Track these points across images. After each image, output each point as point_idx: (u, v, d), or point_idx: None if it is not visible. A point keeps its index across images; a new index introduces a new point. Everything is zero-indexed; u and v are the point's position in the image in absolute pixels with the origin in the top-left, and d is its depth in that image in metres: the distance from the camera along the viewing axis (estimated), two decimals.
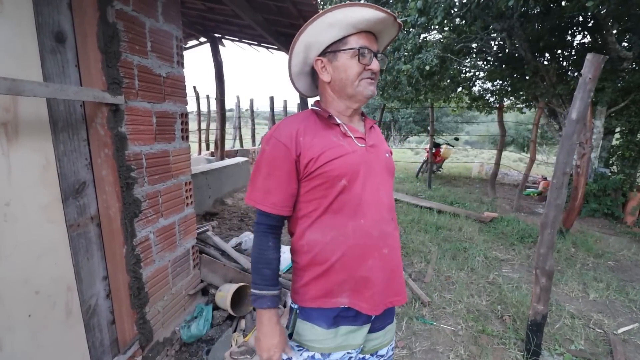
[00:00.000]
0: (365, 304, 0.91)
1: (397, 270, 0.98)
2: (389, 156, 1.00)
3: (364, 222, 0.89)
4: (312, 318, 0.93)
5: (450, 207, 5.28)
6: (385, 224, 0.93)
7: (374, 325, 1.00)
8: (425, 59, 5.34)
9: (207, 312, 2.12)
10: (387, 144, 1.04)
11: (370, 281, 0.91)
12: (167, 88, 1.84)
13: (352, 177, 0.89)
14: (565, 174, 1.92)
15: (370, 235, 0.90)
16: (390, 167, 0.99)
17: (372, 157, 0.94)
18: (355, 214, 0.89)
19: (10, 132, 1.13)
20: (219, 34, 5.00)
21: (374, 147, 0.96)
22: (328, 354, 0.94)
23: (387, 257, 0.93)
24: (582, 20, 5.53)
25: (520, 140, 18.00)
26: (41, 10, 1.23)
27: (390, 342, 1.07)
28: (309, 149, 0.89)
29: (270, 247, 0.94)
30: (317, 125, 0.94)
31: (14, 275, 1.17)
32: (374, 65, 0.90)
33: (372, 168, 0.93)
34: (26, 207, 1.20)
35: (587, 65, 1.82)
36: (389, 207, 0.95)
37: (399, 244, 0.99)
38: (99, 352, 1.54)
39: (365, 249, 0.90)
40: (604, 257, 3.68)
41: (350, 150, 0.90)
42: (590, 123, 4.44)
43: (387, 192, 0.96)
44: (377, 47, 0.94)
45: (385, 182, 0.96)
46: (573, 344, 2.21)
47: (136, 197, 1.62)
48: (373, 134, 1.00)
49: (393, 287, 0.96)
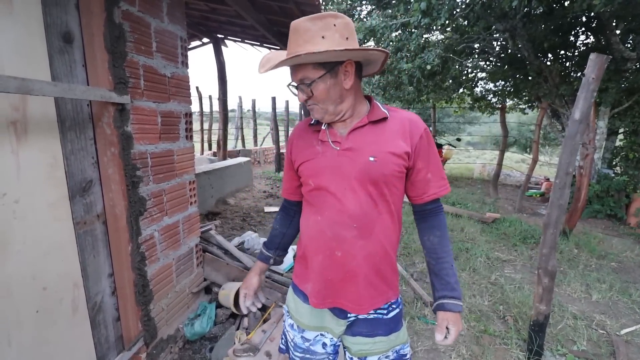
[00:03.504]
0: (313, 297, 0.99)
1: (354, 278, 0.94)
2: (375, 160, 0.89)
3: (320, 220, 0.95)
4: (296, 290, 1.08)
5: (452, 208, 5.27)
6: (344, 228, 0.92)
7: (359, 328, 1.01)
8: (427, 59, 5.34)
9: (210, 310, 2.14)
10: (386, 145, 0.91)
11: (317, 275, 0.97)
12: (171, 88, 1.86)
13: (317, 178, 0.96)
14: (568, 174, 1.92)
15: (323, 233, 0.95)
16: (368, 173, 0.89)
17: (345, 161, 0.91)
18: (318, 210, 0.97)
19: (19, 131, 1.15)
20: (221, 34, 5.03)
21: (350, 150, 0.91)
22: (302, 330, 1.06)
23: (340, 261, 0.93)
24: (586, 21, 5.52)
25: (522, 141, 17.94)
26: (49, 10, 1.25)
27: (384, 352, 1.01)
28: (296, 151, 1.03)
29: (277, 220, 1.19)
30: (308, 129, 1.03)
31: (23, 272, 1.18)
32: (299, 98, 0.93)
33: (339, 172, 0.92)
34: (34, 204, 1.21)
35: (590, 65, 1.82)
36: (354, 214, 0.90)
37: (363, 252, 0.92)
38: (104, 348, 1.56)
39: (318, 244, 0.96)
40: (607, 259, 3.67)
41: (319, 153, 0.96)
42: (593, 124, 4.44)
43: (356, 198, 0.90)
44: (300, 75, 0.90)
45: (355, 188, 0.90)
46: (575, 344, 2.21)
47: (141, 195, 1.64)
48: (359, 135, 0.93)
49: (345, 291, 0.95)
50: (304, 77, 0.89)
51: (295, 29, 0.87)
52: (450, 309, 0.94)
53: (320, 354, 1.06)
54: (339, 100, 0.92)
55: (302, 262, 1.04)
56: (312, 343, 1.05)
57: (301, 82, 0.90)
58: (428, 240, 1.01)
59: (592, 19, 5.40)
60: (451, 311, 0.94)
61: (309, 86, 0.89)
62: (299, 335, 1.06)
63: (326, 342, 1.05)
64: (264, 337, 1.77)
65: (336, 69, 0.88)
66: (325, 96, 0.89)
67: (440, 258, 0.98)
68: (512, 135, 12.03)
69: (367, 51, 0.87)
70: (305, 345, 1.06)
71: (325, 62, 0.87)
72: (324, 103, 0.91)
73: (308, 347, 1.06)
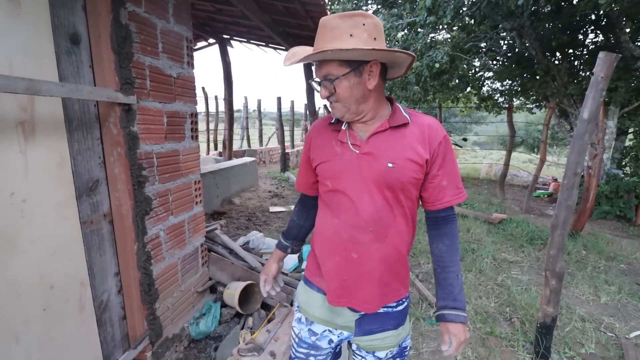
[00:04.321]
0: (329, 294, 1.00)
1: (369, 279, 0.94)
2: (393, 166, 0.89)
3: (338, 222, 0.96)
4: (308, 283, 1.09)
5: (459, 208, 5.23)
6: (360, 231, 0.92)
7: (369, 325, 1.01)
8: (435, 57, 5.31)
9: (215, 310, 2.15)
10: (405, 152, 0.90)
11: (332, 275, 0.99)
12: (177, 88, 1.87)
13: (335, 181, 0.96)
14: (576, 175, 1.89)
15: (339, 235, 0.96)
16: (386, 179, 0.89)
17: (363, 165, 0.91)
18: (334, 212, 0.97)
19: (27, 131, 1.17)
20: (227, 35, 5.05)
21: (370, 155, 0.91)
22: (311, 322, 1.06)
23: (355, 262, 0.94)
24: (595, 19, 5.44)
25: (530, 141, 17.75)
26: (57, 12, 1.26)
27: (391, 347, 1.03)
28: (315, 149, 1.03)
29: (295, 212, 1.22)
30: (328, 127, 1.02)
31: (30, 270, 1.20)
32: (321, 94, 0.92)
33: (358, 175, 0.92)
34: (42, 204, 1.23)
35: (599, 64, 1.79)
36: (369, 218, 0.91)
37: (379, 255, 0.93)
38: (110, 347, 1.57)
39: (334, 245, 0.97)
40: (616, 260, 3.62)
41: (338, 155, 0.95)
42: (602, 123, 4.37)
43: (372, 202, 0.91)
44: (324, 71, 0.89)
45: (372, 192, 0.91)
46: (583, 347, 2.18)
47: (147, 195, 1.65)
48: (379, 140, 0.92)
49: (360, 292, 0.96)
50: (328, 74, 0.88)
51: (323, 25, 0.86)
52: (451, 320, 0.94)
53: (325, 350, 1.07)
54: (361, 100, 0.90)
55: (316, 260, 1.05)
56: (319, 338, 1.05)
57: (325, 79, 0.89)
58: (437, 247, 1.00)
59: (601, 17, 5.32)
60: (452, 322, 0.94)
61: (332, 83, 0.88)
62: (306, 329, 1.07)
63: (333, 339, 1.05)
64: (268, 336, 1.77)
65: (361, 68, 0.87)
66: (347, 94, 0.88)
67: (446, 267, 0.98)
68: (519, 135, 11.91)
69: (394, 53, 0.85)
70: (311, 339, 1.06)
71: (350, 61, 0.86)
72: (346, 101, 0.89)
73: (314, 341, 1.06)
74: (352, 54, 0.82)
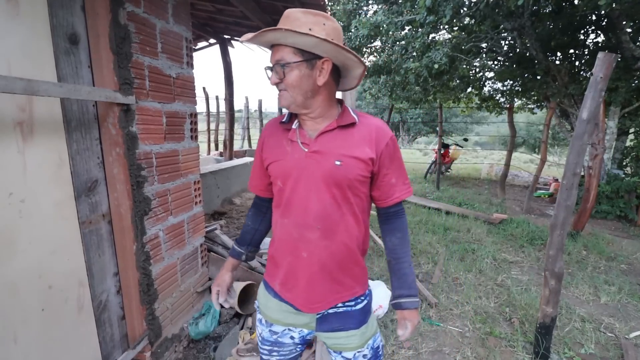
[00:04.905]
0: (284, 294, 1.02)
1: (320, 278, 0.96)
2: (341, 164, 0.91)
3: (287, 222, 0.98)
4: (267, 287, 1.10)
5: (459, 208, 5.23)
6: (308, 230, 0.94)
7: (331, 324, 1.03)
8: (435, 57, 5.30)
9: (214, 310, 2.15)
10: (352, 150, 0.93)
11: (286, 275, 1.01)
12: (177, 88, 1.87)
13: (284, 180, 0.97)
14: (576, 175, 1.89)
15: (290, 234, 0.97)
16: (333, 176, 0.91)
17: (311, 163, 0.93)
18: (284, 213, 0.99)
19: (25, 131, 1.17)
20: (228, 35, 5.05)
21: (318, 153, 0.93)
22: (270, 324, 1.08)
23: (306, 262, 0.96)
24: (595, 19, 5.43)
25: (531, 141, 17.73)
26: (56, 12, 1.27)
27: (359, 348, 1.04)
28: (267, 149, 1.04)
29: (249, 216, 1.20)
30: (279, 127, 1.04)
31: (29, 270, 1.20)
32: (271, 79, 0.92)
33: (306, 174, 0.93)
34: (40, 204, 1.23)
35: (598, 64, 1.79)
36: (316, 215, 0.93)
37: (327, 252, 0.95)
38: (109, 347, 1.57)
39: (286, 245, 0.99)
40: (617, 260, 3.61)
41: (288, 154, 0.97)
42: (603, 123, 4.36)
43: (320, 200, 0.92)
44: (277, 56, 0.89)
45: (319, 190, 0.92)
46: (583, 347, 2.18)
47: (146, 195, 1.65)
48: (327, 138, 0.94)
49: (312, 291, 0.97)
50: (281, 59, 0.88)
51: (286, 16, 0.88)
52: (407, 307, 1.01)
53: (288, 345, 1.09)
54: (309, 94, 0.91)
55: (273, 262, 1.07)
56: (280, 335, 1.08)
57: (277, 63, 0.89)
58: (390, 241, 1.05)
59: (601, 18, 5.31)
60: (408, 309, 1.01)
61: (283, 68, 0.88)
62: (267, 330, 1.10)
63: (294, 336, 1.08)
64: None
65: (313, 62, 0.88)
66: (296, 84, 0.89)
67: (399, 258, 1.04)
68: (520, 135, 11.90)
69: (346, 53, 0.87)
70: (273, 338, 1.09)
71: (304, 51, 0.87)
72: (294, 91, 0.90)
73: (276, 339, 1.09)
74: (305, 40, 0.83)
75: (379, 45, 7.11)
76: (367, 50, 7.35)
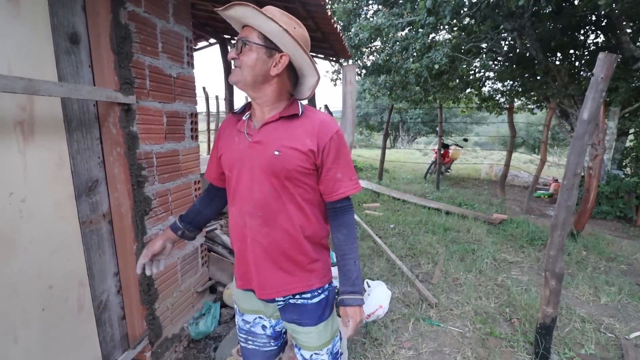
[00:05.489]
0: (237, 280, 1.09)
1: (263, 264, 1.00)
2: (279, 154, 0.93)
3: (234, 210, 1.03)
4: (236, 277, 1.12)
5: (459, 209, 5.23)
6: (251, 217, 0.98)
7: (291, 315, 1.06)
8: (435, 58, 5.30)
9: (215, 310, 2.15)
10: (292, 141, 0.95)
11: (237, 261, 1.06)
12: (177, 88, 1.87)
13: (231, 170, 1.01)
14: (576, 175, 1.89)
15: (237, 222, 1.02)
16: (271, 166, 0.94)
17: (253, 153, 0.96)
18: (232, 201, 1.04)
19: (26, 131, 1.17)
20: (228, 35, 5.05)
21: (259, 143, 0.96)
22: (242, 313, 1.14)
23: (251, 248, 1.00)
24: (595, 20, 5.43)
25: (530, 142, 17.74)
26: (56, 11, 1.27)
27: (316, 350, 1.06)
28: (221, 141, 1.07)
29: (199, 197, 1.22)
30: (233, 118, 1.08)
31: (29, 270, 1.20)
32: (230, 53, 0.95)
33: (248, 164, 0.97)
34: (41, 203, 1.23)
35: (599, 65, 1.79)
36: (257, 203, 0.96)
37: (268, 239, 0.98)
38: (109, 347, 1.57)
39: (235, 232, 1.04)
40: (617, 261, 3.61)
41: (235, 144, 1.01)
42: (603, 124, 4.36)
43: (261, 189, 0.96)
44: (243, 34, 0.93)
45: (259, 179, 0.96)
46: (583, 348, 2.18)
47: (147, 195, 1.65)
48: (270, 129, 0.97)
49: (258, 276, 1.01)
50: (246, 37, 0.92)
51: (264, 8, 0.92)
52: (349, 304, 1.01)
53: (261, 335, 1.13)
54: (259, 79, 0.94)
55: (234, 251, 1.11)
56: (252, 325, 1.13)
57: (240, 39, 0.93)
58: (336, 237, 1.06)
59: (602, 18, 5.31)
60: (350, 305, 1.01)
61: (244, 44, 0.92)
62: (240, 319, 1.16)
63: (265, 325, 1.12)
64: None
65: (273, 52, 0.92)
66: (250, 64, 0.92)
67: (345, 254, 1.04)
68: (520, 135, 11.90)
69: (303, 53, 0.92)
70: (246, 327, 1.14)
71: (268, 40, 0.91)
72: (246, 70, 0.93)
73: (249, 328, 1.14)
74: (269, 25, 0.88)
75: (379, 45, 7.10)
76: (367, 50, 7.36)
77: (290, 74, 0.99)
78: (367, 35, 5.80)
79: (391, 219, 4.78)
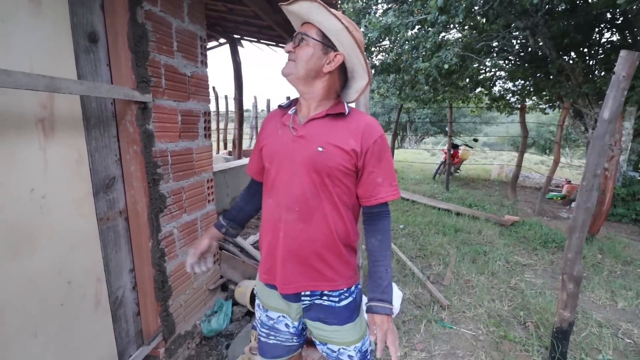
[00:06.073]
0: (262, 273, 1.06)
1: (293, 258, 0.98)
2: (323, 151, 0.93)
3: (271, 202, 1.02)
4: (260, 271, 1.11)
5: (469, 210, 5.17)
6: (287, 211, 0.97)
7: (316, 314, 1.05)
8: (445, 57, 5.24)
9: (226, 308, 2.15)
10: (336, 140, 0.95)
11: (266, 254, 1.04)
12: (191, 87, 1.88)
13: (271, 162, 1.02)
14: (596, 176, 1.85)
15: (272, 214, 1.01)
16: (314, 162, 0.94)
17: (296, 147, 0.96)
18: (269, 192, 1.03)
19: (47, 128, 1.18)
20: (238, 35, 5.07)
21: (303, 138, 0.96)
22: (266, 310, 1.13)
23: (283, 243, 0.99)
24: (610, 18, 5.31)
25: (541, 142, 17.47)
26: (76, 11, 1.28)
27: (344, 345, 1.05)
28: (263, 132, 1.09)
29: (241, 194, 1.24)
30: (279, 112, 1.09)
31: (49, 266, 1.21)
32: (287, 46, 0.96)
33: (290, 158, 0.97)
34: (60, 200, 1.24)
35: (620, 63, 1.74)
36: (296, 198, 0.96)
37: (304, 236, 0.97)
38: (124, 342, 1.58)
39: (268, 225, 1.03)
40: (633, 265, 3.53)
41: (278, 137, 1.01)
42: (619, 124, 4.27)
43: (301, 184, 0.95)
44: (302, 29, 0.96)
45: (300, 174, 0.95)
46: (600, 353, 2.13)
47: (162, 192, 1.66)
48: (315, 125, 0.97)
49: (284, 270, 1.00)
50: (305, 32, 0.94)
51: None
52: (377, 312, 0.97)
53: (284, 332, 1.12)
54: (311, 74, 0.95)
55: (260, 245, 1.10)
56: (276, 322, 1.12)
57: (299, 33, 0.95)
58: (370, 242, 1.04)
59: (617, 16, 5.20)
60: (378, 313, 0.97)
61: (302, 40, 0.94)
62: (264, 314, 1.14)
63: (288, 323, 1.11)
64: None
65: (329, 50, 0.95)
66: (305, 58, 0.94)
67: (377, 261, 1.02)
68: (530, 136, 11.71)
69: (360, 54, 0.94)
70: (269, 323, 1.14)
71: (326, 38, 0.94)
72: (300, 64, 0.94)
73: (272, 324, 1.13)
74: (331, 22, 0.90)
75: (388, 45, 7.06)
76: (376, 50, 7.31)
77: (341, 74, 1.01)
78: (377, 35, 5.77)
79: (401, 220, 4.75)
